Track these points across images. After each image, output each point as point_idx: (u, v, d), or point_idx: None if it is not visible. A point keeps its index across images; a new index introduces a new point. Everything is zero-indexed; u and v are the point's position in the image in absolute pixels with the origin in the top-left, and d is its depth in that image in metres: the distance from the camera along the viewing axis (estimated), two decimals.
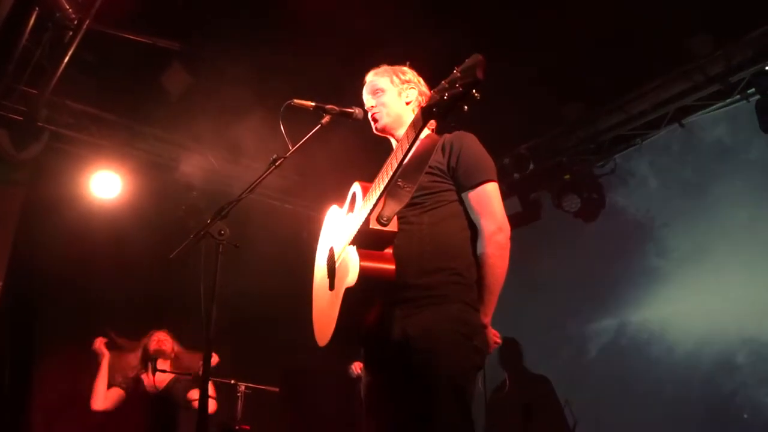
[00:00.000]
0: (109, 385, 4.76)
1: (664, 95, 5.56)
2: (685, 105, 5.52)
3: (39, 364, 5.29)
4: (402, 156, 2.07)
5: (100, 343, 4.84)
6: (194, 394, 4.73)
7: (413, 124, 2.06)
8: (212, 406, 4.63)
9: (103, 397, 4.70)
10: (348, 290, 2.15)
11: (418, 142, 2.15)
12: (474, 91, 1.82)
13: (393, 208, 2.16)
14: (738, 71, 5.15)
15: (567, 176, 6.12)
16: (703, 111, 5.51)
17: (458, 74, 1.87)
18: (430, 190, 2.34)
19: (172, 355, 4.94)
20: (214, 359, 4.38)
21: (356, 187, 2.38)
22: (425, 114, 1.98)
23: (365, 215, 2.15)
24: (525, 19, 4.70)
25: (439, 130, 2.52)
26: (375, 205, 2.13)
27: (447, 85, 1.90)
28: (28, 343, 5.32)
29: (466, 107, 1.86)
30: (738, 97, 5.27)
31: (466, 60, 1.87)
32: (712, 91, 5.35)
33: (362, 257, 2.13)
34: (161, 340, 4.90)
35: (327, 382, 6.15)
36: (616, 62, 5.03)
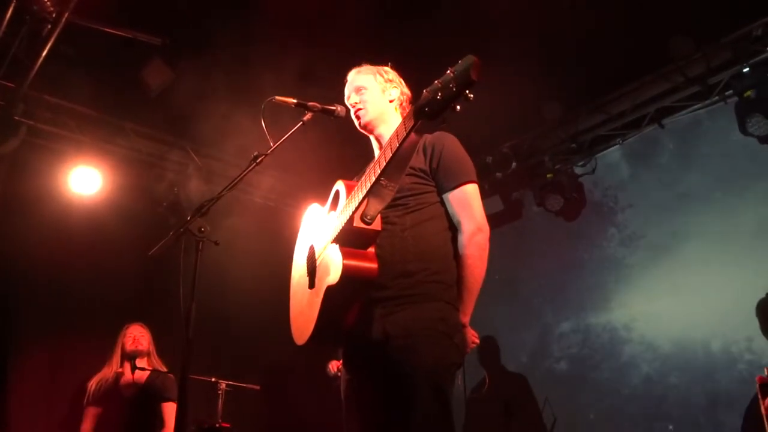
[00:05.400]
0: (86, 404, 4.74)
1: (645, 96, 5.63)
2: (664, 106, 5.60)
3: (15, 362, 5.21)
4: (391, 154, 2.04)
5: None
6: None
7: (404, 122, 2.03)
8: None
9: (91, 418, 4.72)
10: (329, 288, 2.15)
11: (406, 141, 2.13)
12: (467, 91, 1.80)
13: (377, 206, 2.15)
14: (717, 73, 5.23)
15: (550, 175, 6.16)
16: (682, 112, 5.58)
17: (452, 75, 1.83)
18: (413, 192, 2.35)
19: (150, 350, 4.90)
20: None
21: (339, 185, 2.36)
22: (417, 113, 1.94)
23: (349, 213, 2.14)
24: (506, 18, 4.72)
25: (420, 131, 2.52)
26: (360, 204, 2.13)
27: (440, 86, 1.86)
28: (4, 340, 5.23)
29: (458, 107, 1.84)
30: (717, 98, 5.34)
31: (460, 61, 1.84)
32: (692, 92, 5.42)
33: (345, 255, 2.12)
34: (137, 338, 4.83)
35: (307, 380, 6.13)
36: (597, 63, 5.07)
